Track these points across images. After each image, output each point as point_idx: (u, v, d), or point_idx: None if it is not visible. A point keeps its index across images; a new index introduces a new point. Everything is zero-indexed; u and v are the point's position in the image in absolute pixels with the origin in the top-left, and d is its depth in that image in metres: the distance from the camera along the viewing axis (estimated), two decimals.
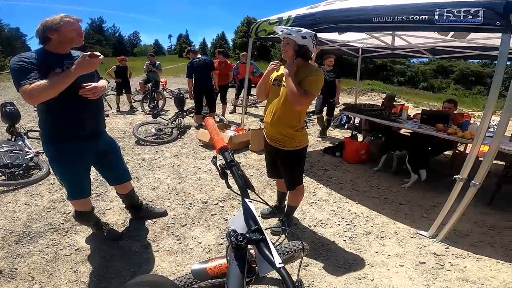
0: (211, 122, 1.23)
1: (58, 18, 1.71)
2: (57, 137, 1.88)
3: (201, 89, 5.49)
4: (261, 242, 0.79)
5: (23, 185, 3.20)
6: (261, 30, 4.13)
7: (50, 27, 1.70)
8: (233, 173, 1.02)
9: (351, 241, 2.54)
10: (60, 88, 1.62)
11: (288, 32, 1.99)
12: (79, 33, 1.80)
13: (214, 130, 1.19)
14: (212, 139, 1.15)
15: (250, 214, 0.88)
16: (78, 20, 1.81)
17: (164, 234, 2.49)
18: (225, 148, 1.08)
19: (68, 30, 1.74)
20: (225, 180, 1.03)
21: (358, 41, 5.27)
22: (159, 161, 4.13)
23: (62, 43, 1.76)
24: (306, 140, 2.26)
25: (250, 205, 0.91)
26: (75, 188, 2.05)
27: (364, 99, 14.19)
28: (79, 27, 1.80)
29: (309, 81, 1.99)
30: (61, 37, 1.73)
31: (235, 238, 0.80)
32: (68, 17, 1.75)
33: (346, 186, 3.66)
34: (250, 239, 0.80)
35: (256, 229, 0.83)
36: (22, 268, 2.05)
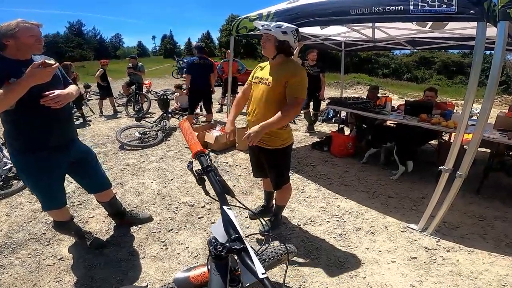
0: (186, 125, 1.19)
1: (14, 23, 1.61)
2: (22, 148, 1.79)
3: (198, 90, 5.37)
4: (242, 252, 0.76)
5: (2, 196, 3.09)
6: (242, 27, 4.08)
7: (5, 33, 1.59)
8: (210, 179, 0.99)
9: (341, 238, 2.53)
10: (8, 101, 1.50)
11: (268, 28, 1.93)
12: (37, 39, 1.69)
13: (189, 134, 1.14)
14: (187, 143, 1.11)
15: (230, 222, 0.85)
16: (38, 25, 1.71)
17: (150, 240, 2.43)
18: (201, 153, 1.05)
19: (25, 36, 1.63)
20: (202, 187, 0.99)
21: (340, 35, 5.27)
22: (143, 165, 4.04)
23: (19, 49, 1.66)
24: (291, 138, 2.22)
25: (229, 212, 0.88)
26: (48, 199, 1.98)
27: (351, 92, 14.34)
28: (38, 32, 1.70)
29: (294, 86, 1.94)
30: (18, 43, 1.63)
31: (214, 248, 0.78)
32: (25, 22, 1.64)
33: (335, 181, 3.66)
34: (230, 249, 0.77)
35: (237, 237, 0.80)
36: (5, 279, 2.01)
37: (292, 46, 2.00)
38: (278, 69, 2.01)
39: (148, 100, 7.82)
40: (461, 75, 29.81)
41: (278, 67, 2.02)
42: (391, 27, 4.35)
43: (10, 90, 1.47)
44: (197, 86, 5.34)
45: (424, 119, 3.67)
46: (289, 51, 2.02)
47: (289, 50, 2.01)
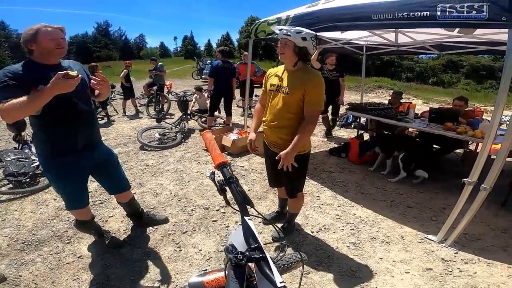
0: (208, 136, 1.21)
1: (35, 28, 1.64)
2: (48, 152, 1.85)
3: (219, 93, 5.47)
4: (261, 261, 0.79)
5: (29, 193, 3.24)
6: (261, 31, 4.10)
7: (28, 38, 1.64)
8: (232, 190, 1.02)
9: (355, 247, 2.47)
10: (33, 107, 1.53)
11: (287, 33, 1.88)
12: (58, 43, 1.68)
13: (212, 145, 1.17)
14: (210, 154, 1.13)
15: (250, 232, 0.88)
16: (60, 29, 1.71)
17: (164, 241, 2.47)
18: (223, 164, 1.08)
19: (45, 40, 1.64)
20: (224, 197, 1.03)
21: (362, 39, 5.15)
22: (162, 166, 4.14)
23: (42, 54, 1.68)
24: (309, 145, 2.19)
25: (249, 223, 0.91)
26: (71, 200, 2.05)
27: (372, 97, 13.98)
28: (58, 36, 1.69)
29: (313, 98, 1.92)
30: (39, 48, 1.65)
31: (234, 257, 0.81)
32: (46, 26, 1.66)
33: (351, 188, 3.58)
34: (250, 258, 0.81)
35: (256, 247, 0.83)
36: (26, 276, 2.07)
37: (310, 53, 1.96)
38: (296, 77, 1.97)
39: (168, 101, 8.00)
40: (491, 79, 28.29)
41: (296, 75, 1.98)
42: (416, 32, 4.20)
43: (35, 97, 1.49)
44: (219, 89, 5.42)
45: (449, 127, 3.51)
46: (307, 58, 1.99)
47: (307, 57, 1.98)
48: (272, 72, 2.20)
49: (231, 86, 5.55)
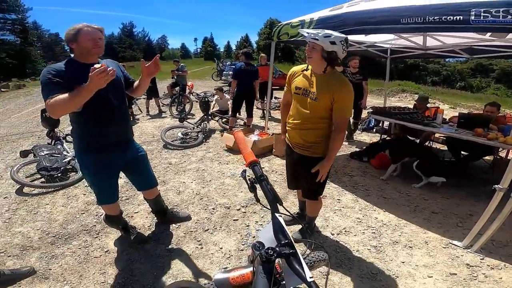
0: (240, 135, 1.24)
1: (76, 28, 1.70)
2: (85, 147, 1.94)
3: (242, 95, 5.56)
4: (291, 256, 0.81)
5: (60, 187, 3.40)
6: (283, 33, 4.11)
7: (70, 38, 1.71)
8: (263, 187, 1.04)
9: (376, 250, 2.44)
10: (76, 103, 1.59)
11: (314, 37, 1.81)
12: (96, 42, 1.74)
13: (243, 144, 1.19)
14: (241, 152, 1.16)
15: (280, 229, 0.90)
16: (99, 29, 1.77)
17: (187, 238, 2.53)
18: (255, 162, 1.10)
19: (85, 40, 1.71)
20: (254, 194, 1.05)
21: (387, 42, 5.05)
22: (184, 165, 4.23)
23: (82, 53, 1.75)
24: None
25: (280, 219, 0.93)
26: (103, 195, 2.13)
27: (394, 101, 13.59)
28: (97, 36, 1.75)
29: (343, 105, 1.90)
30: (79, 47, 1.72)
31: (265, 252, 0.83)
32: (87, 26, 1.72)
33: (373, 193, 3.52)
34: (280, 253, 0.82)
35: (286, 243, 0.85)
36: (55, 269, 2.14)
37: (339, 57, 1.88)
38: (325, 82, 1.91)
39: (190, 102, 8.17)
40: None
41: (325, 80, 1.92)
42: (446, 35, 4.06)
43: (77, 94, 1.55)
44: (241, 91, 5.50)
45: (479, 133, 3.37)
46: (336, 63, 1.93)
47: (336, 62, 1.91)
48: (297, 71, 2.13)
49: (253, 88, 5.62)
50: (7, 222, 2.73)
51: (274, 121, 7.33)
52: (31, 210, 2.93)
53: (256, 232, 2.62)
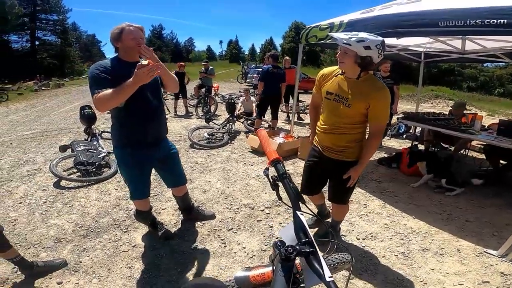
0: (263, 133, 1.24)
1: (120, 27, 1.79)
2: (123, 143, 2.03)
3: (268, 97, 5.58)
4: (311, 255, 0.80)
5: (95, 181, 3.56)
6: (312, 36, 4.08)
7: (115, 37, 1.80)
8: (285, 185, 1.03)
9: (404, 256, 2.36)
10: (120, 98, 1.66)
11: (347, 42, 1.70)
12: (137, 41, 1.80)
13: (267, 142, 1.19)
14: (264, 150, 1.16)
15: (302, 227, 0.89)
16: (140, 28, 1.84)
17: (211, 236, 2.56)
18: (277, 160, 1.09)
19: (128, 39, 1.78)
20: (276, 192, 1.04)
21: (420, 46, 4.85)
22: (210, 164, 4.31)
23: (126, 52, 1.84)
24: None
25: (302, 217, 0.92)
26: (136, 190, 2.19)
27: (427, 107, 13.01)
28: (138, 35, 1.81)
29: (380, 112, 1.83)
30: (123, 46, 1.81)
31: (285, 250, 0.82)
32: (129, 25, 1.80)
33: (403, 199, 3.40)
34: (300, 251, 0.81)
35: (306, 241, 0.84)
36: (86, 262, 2.21)
37: (375, 62, 1.77)
38: (360, 89, 1.82)
39: (215, 103, 8.33)
40: None
41: (359, 86, 1.82)
42: (488, 39, 3.84)
43: (121, 89, 1.63)
44: (267, 93, 5.52)
45: None
46: (371, 68, 1.83)
47: (371, 67, 1.80)
48: (328, 74, 2.02)
49: (280, 91, 5.62)
50: (44, 214, 2.88)
51: (299, 124, 7.27)
52: (67, 203, 3.09)
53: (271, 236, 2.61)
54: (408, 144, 5.48)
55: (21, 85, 18.51)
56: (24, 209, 2.97)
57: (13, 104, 11.96)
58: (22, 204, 3.07)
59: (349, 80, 1.88)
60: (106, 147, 4.41)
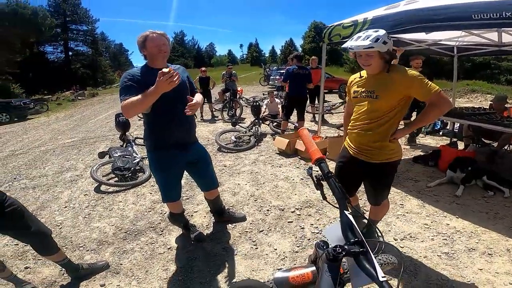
0: (305, 133, 1.24)
1: (144, 35, 1.85)
2: (153, 147, 2.12)
3: (293, 98, 5.56)
4: (361, 255, 0.79)
5: (131, 186, 3.73)
6: (335, 34, 4.01)
7: (140, 45, 1.88)
8: (331, 185, 1.03)
9: (447, 257, 2.25)
10: (143, 105, 1.73)
11: (370, 46, 1.71)
12: (159, 48, 1.86)
13: (309, 141, 1.19)
14: (307, 150, 1.16)
15: (350, 227, 0.88)
16: (162, 34, 1.88)
17: (242, 238, 2.58)
18: (321, 159, 1.09)
19: (151, 46, 1.84)
20: (321, 191, 1.05)
21: (453, 39, 4.60)
22: (238, 167, 4.35)
23: (151, 59, 1.91)
24: (400, 152, 2.01)
25: (350, 217, 0.91)
26: (167, 192, 2.27)
27: (463, 102, 12.22)
28: (161, 42, 1.86)
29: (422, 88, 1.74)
30: (148, 53, 1.88)
31: (333, 250, 0.81)
32: (152, 32, 1.86)
33: (443, 198, 3.22)
34: (349, 251, 0.80)
35: (356, 241, 0.83)
36: (125, 264, 2.29)
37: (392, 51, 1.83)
38: (383, 79, 1.82)
39: (240, 106, 8.42)
40: None
41: (381, 77, 1.83)
42: None
43: (145, 96, 1.71)
44: (293, 94, 5.49)
45: None
46: (394, 57, 1.85)
47: (394, 57, 1.84)
48: (354, 78, 2.08)
49: (305, 91, 5.56)
50: (87, 217, 3.05)
51: (325, 125, 7.14)
52: (107, 207, 3.26)
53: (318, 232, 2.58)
54: (446, 141, 5.20)
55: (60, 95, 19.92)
56: (69, 213, 3.18)
57: (53, 114, 12.92)
58: (67, 208, 3.29)
59: (375, 75, 1.88)
60: (140, 152, 4.59)
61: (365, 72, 1.96)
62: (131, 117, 1.97)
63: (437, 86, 1.74)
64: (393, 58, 1.84)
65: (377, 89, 1.84)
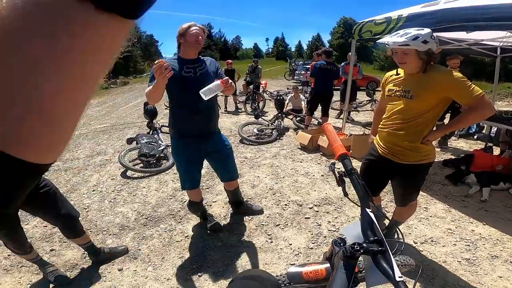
0: (329, 128, 1.22)
1: (186, 25, 1.98)
2: (175, 134, 2.22)
3: (319, 94, 5.47)
4: (379, 254, 0.78)
5: (155, 173, 3.86)
6: (366, 31, 3.87)
7: (181, 32, 1.99)
8: (353, 181, 1.00)
9: (468, 263, 2.19)
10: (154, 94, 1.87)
11: (405, 43, 1.68)
12: (197, 39, 1.98)
13: (333, 136, 1.17)
14: (330, 145, 1.15)
15: (370, 225, 0.87)
16: (202, 28, 2.04)
17: (258, 231, 2.60)
18: (345, 155, 1.07)
19: (190, 35, 1.97)
20: (343, 188, 1.03)
21: (496, 40, 4.27)
22: (259, 160, 4.36)
23: (185, 48, 2.03)
24: (433, 154, 1.93)
25: (371, 215, 0.89)
26: (185, 179, 2.34)
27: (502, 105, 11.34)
28: (199, 33, 1.99)
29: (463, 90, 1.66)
30: (184, 41, 2.00)
31: (351, 247, 0.80)
32: (195, 24, 1.99)
33: (472, 204, 3.07)
34: (367, 249, 0.79)
35: (376, 240, 0.82)
36: (144, 250, 2.35)
37: (435, 52, 1.73)
38: (424, 79, 1.75)
39: (263, 100, 8.40)
40: None
41: (422, 78, 1.76)
42: None
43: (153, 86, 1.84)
44: (318, 90, 5.40)
45: None
46: (434, 58, 1.75)
47: (434, 58, 1.75)
48: (389, 76, 2.02)
49: (331, 88, 5.44)
50: (112, 202, 3.18)
51: (351, 122, 6.95)
52: (131, 192, 3.39)
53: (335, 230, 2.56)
54: (480, 145, 4.88)
55: None
56: (96, 196, 3.32)
57: None
58: (95, 191, 3.44)
59: (412, 75, 1.82)
60: (165, 140, 4.70)
61: (402, 70, 1.90)
62: (154, 103, 2.10)
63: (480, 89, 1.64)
64: (433, 60, 1.75)
65: (413, 89, 1.78)
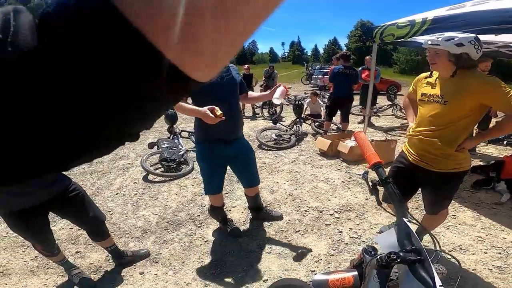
0: (362, 136, 1.20)
1: None
2: (201, 139, 2.25)
3: (338, 98, 5.40)
4: (417, 263, 0.78)
5: (175, 177, 3.91)
6: (388, 34, 3.78)
7: None
8: (389, 190, 1.00)
9: (499, 271, 2.11)
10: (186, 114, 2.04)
11: (435, 43, 1.67)
12: None
13: (366, 145, 1.16)
14: (363, 153, 1.14)
15: (407, 234, 0.86)
16: None
17: (277, 237, 2.58)
18: (379, 164, 1.07)
19: None
20: (376, 197, 1.06)
21: None
22: (278, 166, 4.34)
23: None
24: (468, 162, 1.86)
25: (408, 224, 0.88)
26: (208, 185, 2.36)
27: None
28: None
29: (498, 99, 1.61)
30: None
31: (386, 256, 0.80)
32: None
33: (503, 212, 2.94)
34: (404, 259, 0.78)
35: (413, 249, 0.82)
36: (164, 254, 2.37)
37: (473, 58, 1.66)
38: (457, 84, 1.69)
39: (280, 104, 8.38)
40: None
41: (455, 82, 1.71)
42: None
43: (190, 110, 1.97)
44: (337, 95, 5.32)
45: None
46: (471, 64, 1.69)
47: (471, 63, 1.68)
48: (422, 78, 1.96)
49: (351, 92, 5.35)
50: (134, 205, 3.24)
51: (372, 127, 6.79)
52: (153, 196, 3.45)
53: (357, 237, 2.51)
54: (510, 151, 4.64)
55: None
56: (119, 199, 3.40)
57: None
58: (118, 195, 3.53)
59: (444, 79, 1.78)
60: (185, 145, 4.79)
61: (434, 77, 1.86)
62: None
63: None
64: (466, 66, 1.68)
65: (447, 94, 1.73)
